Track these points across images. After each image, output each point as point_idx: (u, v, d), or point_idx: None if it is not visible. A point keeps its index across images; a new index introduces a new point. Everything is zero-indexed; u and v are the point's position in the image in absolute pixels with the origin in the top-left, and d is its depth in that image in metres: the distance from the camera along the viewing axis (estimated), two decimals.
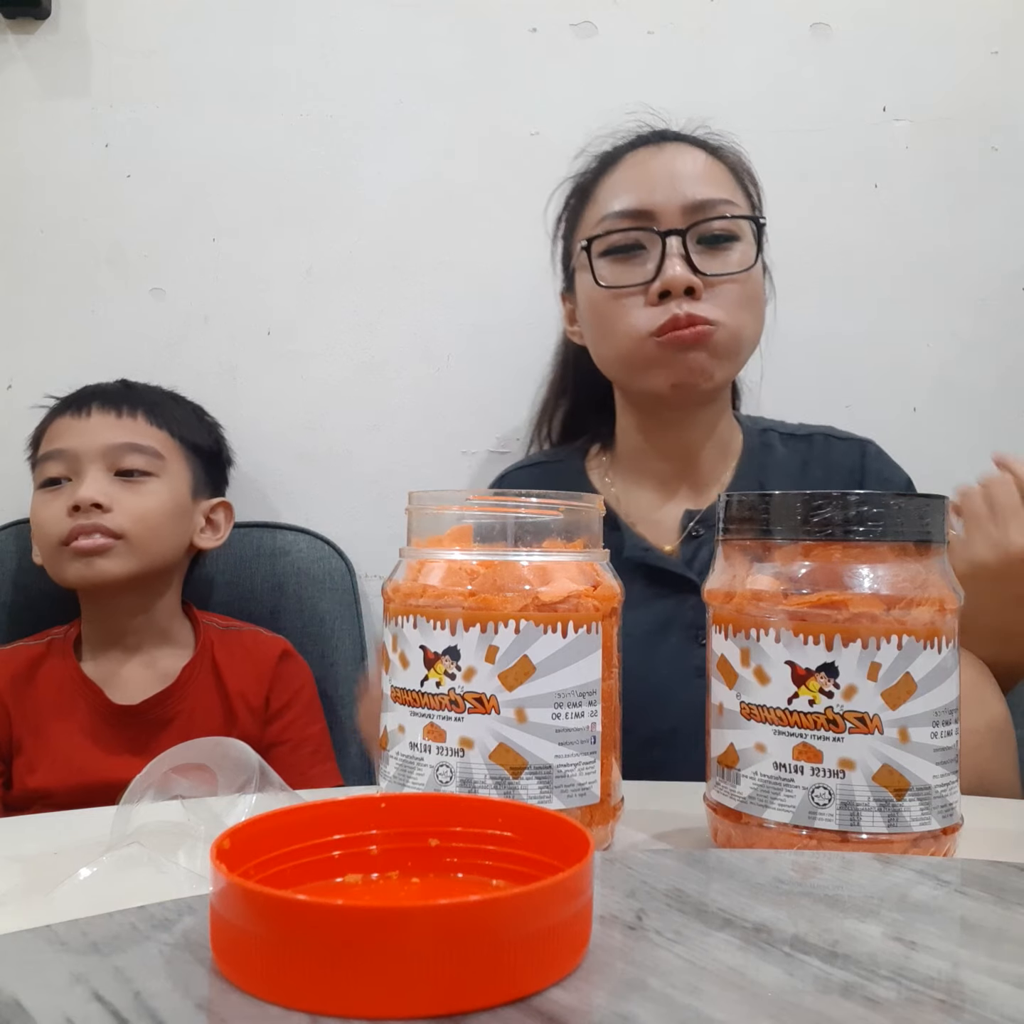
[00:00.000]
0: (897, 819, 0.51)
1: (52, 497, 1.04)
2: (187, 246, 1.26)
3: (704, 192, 0.92)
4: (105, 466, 1.03)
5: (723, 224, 0.92)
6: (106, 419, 1.06)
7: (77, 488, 1.01)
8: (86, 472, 1.03)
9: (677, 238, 0.90)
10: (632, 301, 0.92)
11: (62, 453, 1.04)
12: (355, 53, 1.26)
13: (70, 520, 1.01)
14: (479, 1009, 0.31)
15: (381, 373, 1.27)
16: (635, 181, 0.94)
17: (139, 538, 1.02)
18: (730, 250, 0.93)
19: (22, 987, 0.32)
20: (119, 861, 0.49)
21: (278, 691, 1.08)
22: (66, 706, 1.03)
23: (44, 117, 1.26)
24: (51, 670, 1.05)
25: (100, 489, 1.01)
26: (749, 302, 0.93)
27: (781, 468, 1.01)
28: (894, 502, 0.53)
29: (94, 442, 1.04)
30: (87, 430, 1.05)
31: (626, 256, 0.93)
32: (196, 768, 0.57)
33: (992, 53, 1.26)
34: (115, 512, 1.01)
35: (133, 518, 1.02)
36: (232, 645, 1.09)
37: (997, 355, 1.26)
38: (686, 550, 0.97)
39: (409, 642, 0.56)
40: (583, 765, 0.55)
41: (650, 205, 0.92)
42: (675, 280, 0.89)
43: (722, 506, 0.58)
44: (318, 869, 0.41)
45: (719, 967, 0.34)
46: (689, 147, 0.96)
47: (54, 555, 1.03)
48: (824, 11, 1.26)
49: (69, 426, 1.06)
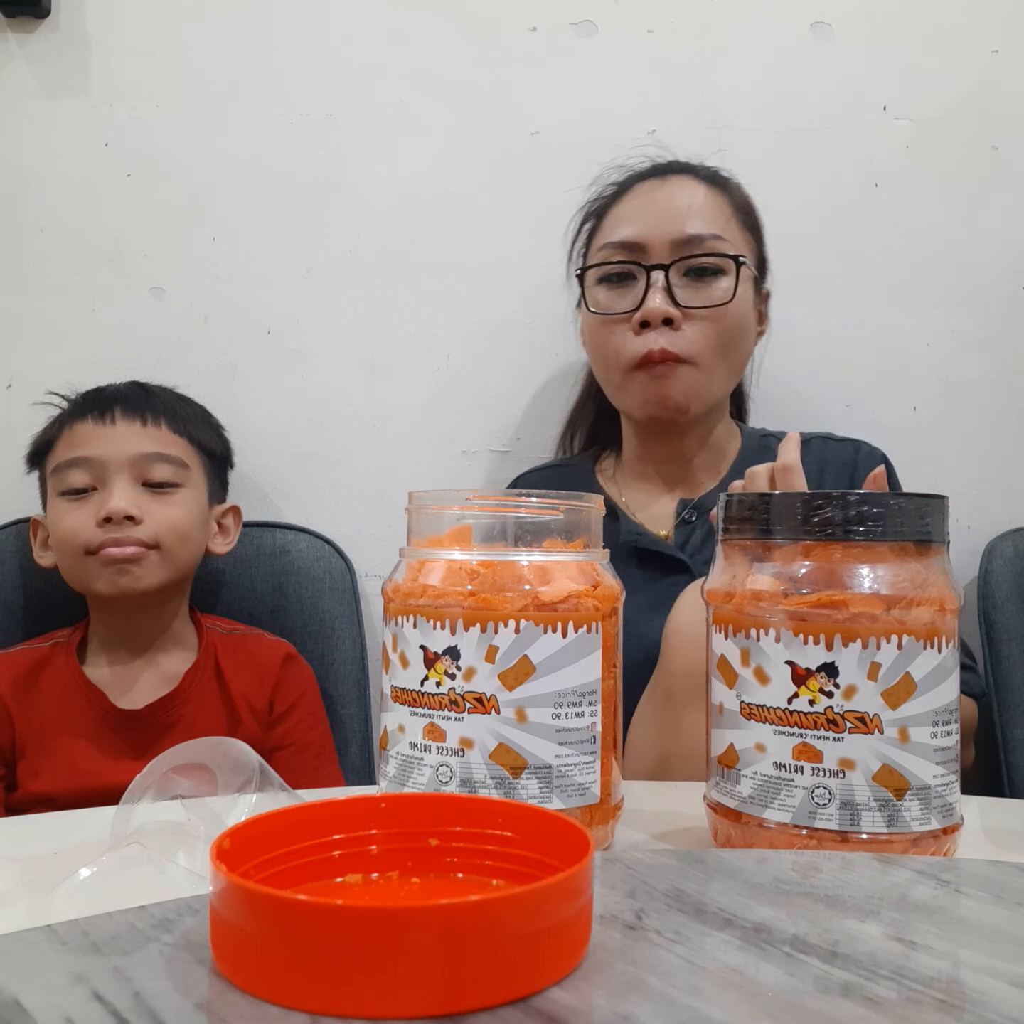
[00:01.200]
0: (897, 819, 0.51)
1: (77, 507, 1.01)
2: (187, 246, 1.26)
3: (693, 227, 0.98)
4: (132, 476, 1.02)
5: (708, 260, 0.98)
6: (131, 427, 1.04)
7: (106, 499, 1.00)
8: (113, 482, 1.01)
9: (661, 272, 0.97)
10: (619, 328, 1.00)
11: (87, 461, 1.02)
12: (355, 53, 1.26)
13: (100, 531, 0.99)
14: (479, 1009, 0.31)
15: (381, 373, 1.27)
16: (635, 213, 1.01)
17: (171, 548, 1.02)
18: (714, 283, 0.99)
19: (22, 987, 0.32)
20: (119, 861, 0.49)
21: (281, 695, 1.08)
22: (69, 710, 1.02)
23: (44, 117, 1.26)
24: (54, 673, 1.04)
25: (131, 501, 1.00)
26: (728, 334, 0.99)
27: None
28: (894, 502, 0.53)
29: (121, 451, 1.02)
30: (114, 438, 1.03)
31: (618, 284, 1.01)
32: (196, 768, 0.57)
33: (992, 53, 1.26)
34: (146, 523, 1.00)
35: (165, 529, 1.02)
36: (235, 649, 1.09)
37: (997, 355, 1.26)
38: (679, 535, 1.03)
39: (409, 642, 0.56)
40: (583, 765, 0.55)
41: (643, 238, 0.99)
42: (654, 312, 0.96)
43: (722, 506, 0.58)
44: (318, 869, 0.41)
45: (719, 967, 0.34)
46: (691, 180, 1.02)
47: (79, 564, 1.01)
48: (824, 11, 1.26)
49: (93, 433, 1.03)
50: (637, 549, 1.01)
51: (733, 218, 1.02)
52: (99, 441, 1.03)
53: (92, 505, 1.01)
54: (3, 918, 0.45)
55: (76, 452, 1.03)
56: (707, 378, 0.99)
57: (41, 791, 0.99)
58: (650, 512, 1.07)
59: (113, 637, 1.06)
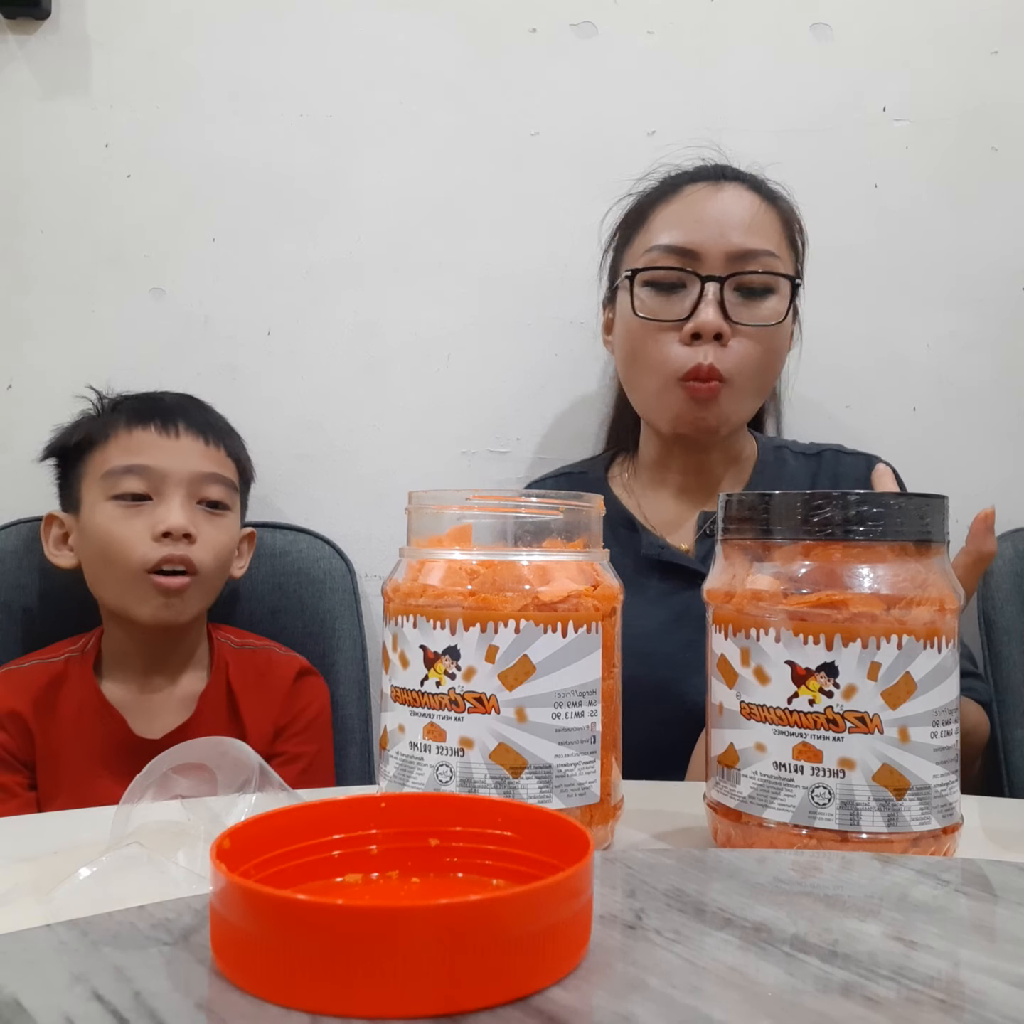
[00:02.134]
0: (897, 819, 0.51)
1: (132, 515, 0.98)
2: (187, 246, 1.26)
3: (750, 242, 0.96)
4: (189, 493, 1.00)
5: (762, 278, 0.96)
6: (195, 444, 1.03)
7: (164, 514, 0.98)
8: (171, 496, 0.99)
9: (716, 284, 0.95)
10: (665, 336, 0.97)
11: (147, 471, 0.99)
12: (355, 53, 1.26)
13: (156, 546, 0.97)
14: (479, 1009, 0.31)
15: (381, 373, 1.27)
16: (687, 218, 0.98)
17: (210, 575, 1.01)
18: (764, 302, 0.97)
19: (22, 987, 0.32)
20: (119, 861, 0.49)
21: (286, 709, 1.07)
22: (86, 733, 0.99)
23: (44, 117, 1.26)
24: (70, 693, 1.01)
25: (190, 518, 0.99)
26: (768, 356, 0.98)
27: (792, 480, 1.06)
28: (894, 502, 0.53)
29: (184, 467, 1.00)
30: (177, 452, 1.01)
31: (667, 291, 0.97)
32: (196, 768, 0.57)
33: (992, 53, 1.26)
34: (197, 544, 0.99)
35: (212, 553, 1.00)
36: (246, 667, 1.07)
37: (997, 355, 1.26)
38: (701, 548, 1.02)
39: (409, 642, 0.56)
40: (583, 765, 0.55)
41: (696, 246, 0.96)
42: (707, 325, 0.94)
43: (722, 506, 0.58)
44: (318, 869, 0.41)
45: (719, 967, 0.34)
46: (746, 191, 1.00)
47: (132, 582, 0.98)
48: (824, 11, 1.26)
49: (156, 443, 1.01)
50: (659, 563, 0.99)
51: (783, 235, 1.00)
52: (162, 453, 1.01)
53: (147, 517, 0.98)
54: (3, 918, 0.45)
55: (136, 459, 1.00)
56: (740, 400, 0.98)
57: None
58: (669, 523, 1.05)
59: (132, 657, 1.03)
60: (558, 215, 1.25)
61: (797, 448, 1.10)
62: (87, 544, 1.02)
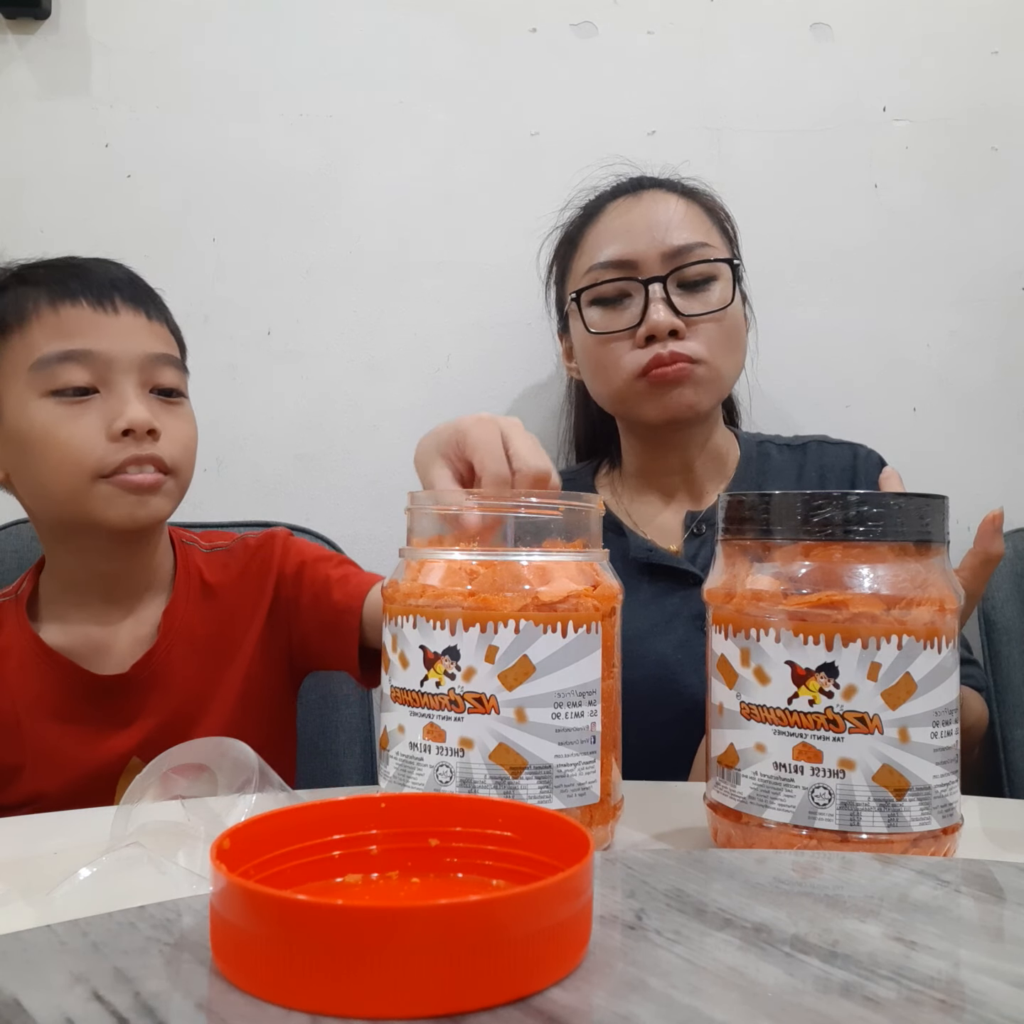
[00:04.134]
0: (897, 819, 0.51)
1: (78, 413, 0.81)
2: (187, 246, 1.26)
3: (681, 238, 0.98)
4: (141, 380, 0.83)
5: (701, 268, 0.98)
6: (137, 320, 0.85)
7: (118, 407, 0.81)
8: (121, 386, 0.82)
9: (659, 284, 0.97)
10: (621, 345, 0.99)
11: (89, 356, 0.81)
12: (355, 54, 1.26)
13: (115, 447, 0.80)
14: (479, 1009, 0.31)
15: (381, 373, 1.27)
16: (617, 232, 1.01)
17: (184, 471, 0.86)
18: (709, 290, 0.99)
19: (22, 987, 0.32)
20: (119, 861, 0.49)
21: (286, 568, 0.94)
22: (34, 686, 0.85)
23: (44, 117, 1.26)
24: (7, 645, 0.86)
25: (151, 411, 0.82)
26: (729, 337, 1.00)
27: (778, 473, 1.06)
28: (894, 502, 0.53)
29: (130, 349, 0.83)
30: (119, 331, 0.83)
31: (614, 304, 1.00)
32: (196, 768, 0.57)
33: (992, 53, 1.26)
34: (162, 440, 0.83)
35: (180, 447, 0.85)
36: (224, 564, 0.94)
37: (997, 355, 1.26)
38: (689, 548, 1.03)
39: (409, 642, 0.56)
40: (583, 765, 0.55)
41: (632, 255, 0.99)
42: (659, 325, 0.96)
43: (722, 506, 0.58)
44: (318, 869, 0.41)
45: (719, 967, 0.34)
46: (665, 193, 1.03)
47: (83, 488, 0.81)
48: (824, 11, 1.26)
49: (92, 321, 0.83)
50: (649, 565, 1.01)
51: (712, 225, 1.03)
52: (102, 333, 0.83)
53: (97, 413, 0.81)
54: (3, 918, 0.45)
55: (71, 343, 0.81)
56: (717, 375, 0.99)
57: (29, 792, 0.85)
58: (657, 526, 1.06)
59: (85, 586, 0.88)
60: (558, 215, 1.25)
61: (781, 441, 1.11)
62: (19, 454, 0.83)
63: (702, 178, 1.08)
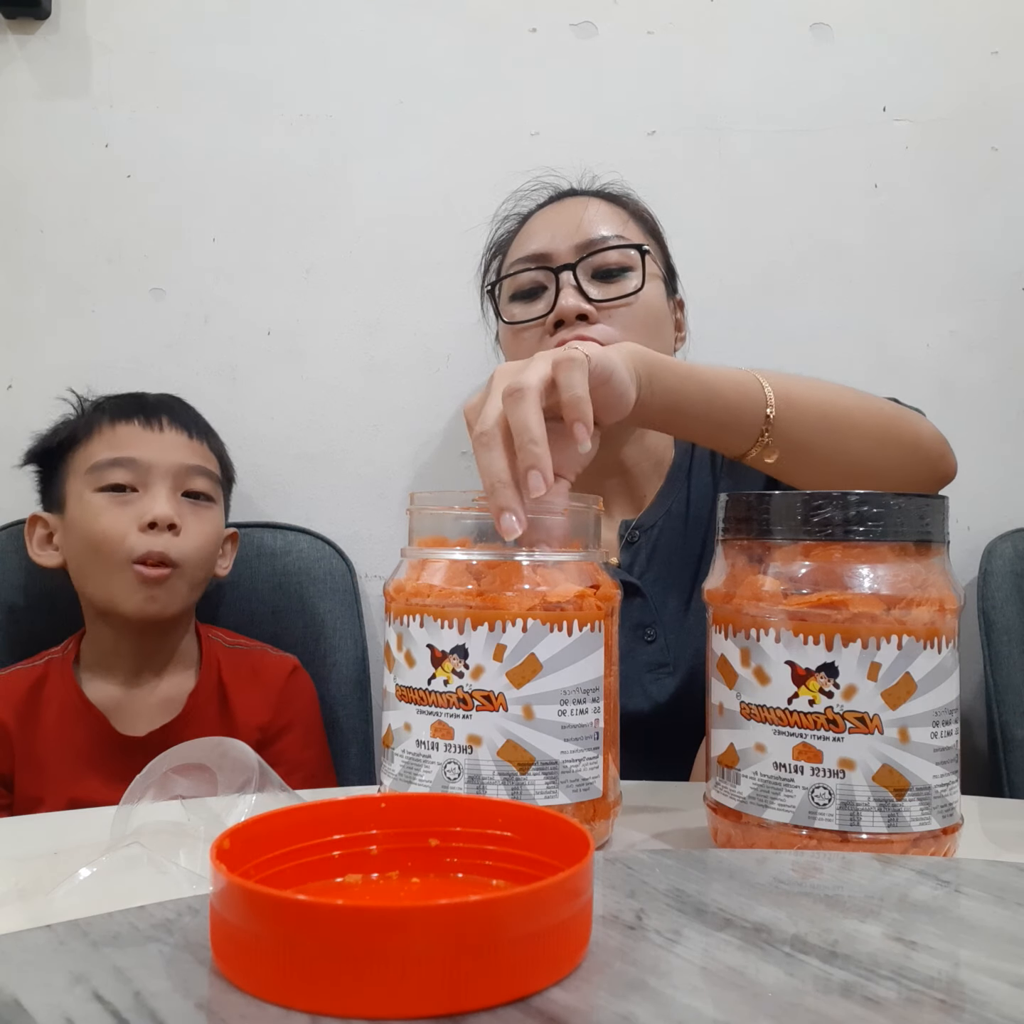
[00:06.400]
0: (897, 819, 0.51)
1: (117, 505, 0.99)
2: (187, 246, 1.26)
3: (596, 231, 0.99)
4: (174, 485, 1.01)
5: (614, 257, 0.98)
6: (179, 437, 1.04)
7: (150, 504, 0.98)
8: (156, 488, 1.00)
9: (568, 272, 0.97)
10: (533, 333, 0.99)
11: (133, 463, 1.00)
12: (354, 53, 1.26)
13: (144, 537, 0.97)
14: (479, 1009, 0.31)
15: (381, 373, 1.27)
16: (537, 231, 1.03)
17: (193, 567, 1.01)
18: (624, 280, 0.99)
19: (22, 987, 0.32)
20: (119, 861, 0.49)
21: (282, 710, 1.06)
22: (68, 734, 0.99)
23: (44, 117, 1.26)
24: (51, 694, 1.00)
25: (175, 509, 0.99)
26: (645, 325, 0.98)
27: (699, 474, 1.04)
28: (894, 502, 0.53)
29: (168, 458, 1.01)
30: (161, 445, 1.02)
31: (529, 296, 1.01)
32: (196, 768, 0.57)
33: (992, 53, 1.26)
34: (182, 536, 0.99)
35: (195, 544, 1.00)
36: (239, 666, 1.07)
37: (997, 356, 1.26)
38: (625, 557, 1.02)
39: (416, 641, 0.56)
40: (587, 760, 0.55)
41: (547, 248, 1.00)
42: (566, 308, 0.95)
43: (722, 506, 0.58)
44: (318, 869, 0.41)
45: (719, 967, 0.34)
46: (587, 198, 1.05)
47: (116, 573, 0.97)
48: (824, 11, 1.26)
49: (140, 436, 1.02)
50: None
51: (632, 222, 1.02)
52: (146, 445, 1.02)
53: (133, 508, 0.99)
54: (3, 918, 0.45)
55: (121, 452, 1.01)
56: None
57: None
58: None
59: (118, 656, 1.03)
60: None
61: None
62: (73, 539, 1.02)
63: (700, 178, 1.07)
